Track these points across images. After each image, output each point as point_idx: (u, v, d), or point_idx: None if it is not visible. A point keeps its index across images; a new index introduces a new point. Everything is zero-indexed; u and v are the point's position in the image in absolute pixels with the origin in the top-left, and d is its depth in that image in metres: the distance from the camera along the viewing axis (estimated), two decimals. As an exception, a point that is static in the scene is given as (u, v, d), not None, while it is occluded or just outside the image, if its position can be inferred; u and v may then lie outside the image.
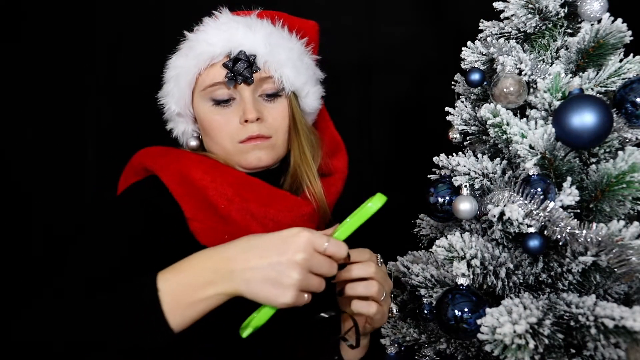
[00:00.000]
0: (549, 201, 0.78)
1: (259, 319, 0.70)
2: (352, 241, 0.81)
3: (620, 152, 0.81)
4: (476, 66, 0.95)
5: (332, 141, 1.06)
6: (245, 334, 0.72)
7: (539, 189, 0.79)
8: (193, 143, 1.00)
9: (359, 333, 0.84)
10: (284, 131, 0.95)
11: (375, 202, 0.75)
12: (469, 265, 0.81)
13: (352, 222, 0.75)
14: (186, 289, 0.68)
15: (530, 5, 0.89)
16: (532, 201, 0.79)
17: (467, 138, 1.02)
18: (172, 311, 0.67)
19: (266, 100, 0.95)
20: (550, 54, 0.93)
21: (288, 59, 0.94)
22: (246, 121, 0.92)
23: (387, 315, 0.87)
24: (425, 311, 0.95)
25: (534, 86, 0.88)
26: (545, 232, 0.78)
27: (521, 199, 0.80)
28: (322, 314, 0.82)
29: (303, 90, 0.97)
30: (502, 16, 0.95)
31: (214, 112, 0.94)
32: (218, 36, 0.92)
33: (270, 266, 0.67)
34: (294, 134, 0.97)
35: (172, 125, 1.02)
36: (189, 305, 0.67)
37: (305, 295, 0.69)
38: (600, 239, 0.75)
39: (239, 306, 0.75)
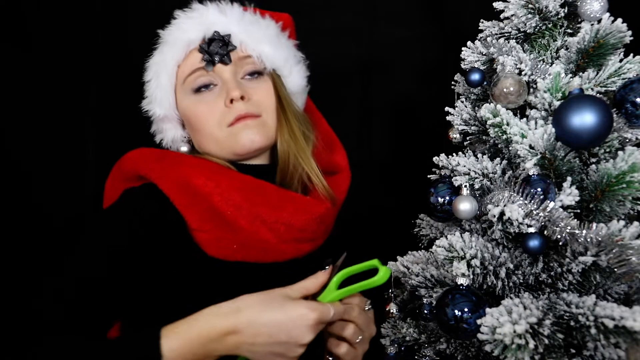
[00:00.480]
0: (549, 201, 0.78)
1: None
2: (352, 241, 0.81)
3: (620, 152, 0.81)
4: (476, 66, 0.95)
5: (327, 136, 1.02)
6: None
7: (539, 189, 0.79)
8: (184, 149, 0.97)
9: None
10: (272, 109, 0.91)
11: (382, 278, 0.77)
12: (469, 265, 0.81)
13: (355, 288, 0.77)
14: (190, 356, 0.69)
15: (530, 5, 0.89)
16: (532, 201, 0.79)
17: (467, 138, 1.02)
18: None
19: (249, 81, 0.91)
20: (550, 54, 0.93)
21: (264, 35, 0.92)
22: (231, 102, 0.88)
23: (360, 359, 0.86)
24: (425, 311, 0.95)
25: (534, 86, 0.88)
26: (545, 232, 0.79)
27: (521, 199, 0.80)
28: None
29: (285, 68, 0.94)
30: (502, 16, 0.95)
31: (197, 102, 0.91)
32: (189, 21, 0.91)
33: (278, 345, 0.70)
34: (282, 115, 0.92)
35: (161, 134, 0.98)
36: None
37: None
38: (600, 239, 0.75)
39: None
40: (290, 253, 0.86)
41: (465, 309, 0.79)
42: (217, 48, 0.89)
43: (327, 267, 0.79)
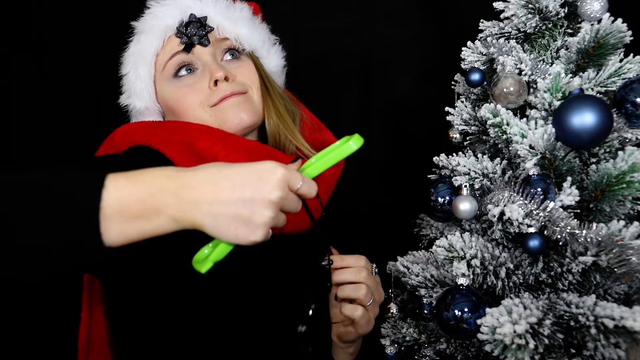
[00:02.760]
0: (549, 201, 0.78)
1: (218, 253, 0.64)
2: (352, 241, 0.81)
3: (620, 152, 0.81)
4: (476, 66, 0.96)
5: (311, 119, 1.01)
6: (204, 268, 0.65)
7: (539, 189, 0.79)
8: None
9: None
10: (257, 86, 0.91)
11: (356, 142, 0.68)
12: (469, 265, 0.81)
13: (327, 160, 0.68)
14: (135, 203, 0.57)
15: (530, 5, 0.89)
16: (532, 201, 0.79)
17: (467, 138, 1.02)
18: (110, 218, 0.55)
19: (229, 62, 0.91)
20: (551, 54, 0.93)
21: (240, 17, 0.92)
22: (215, 83, 0.87)
23: (373, 323, 0.87)
24: (425, 311, 0.95)
25: (534, 86, 0.88)
26: (545, 232, 0.79)
27: (521, 199, 0.80)
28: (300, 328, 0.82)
29: (263, 49, 0.95)
30: (502, 16, 0.95)
31: (178, 87, 0.89)
32: (164, 9, 0.91)
33: (243, 203, 0.59)
34: (267, 93, 0.92)
35: None
36: (132, 220, 0.56)
37: (270, 232, 0.63)
38: (600, 239, 0.75)
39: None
40: (292, 224, 0.83)
41: (465, 309, 0.79)
42: (194, 29, 0.89)
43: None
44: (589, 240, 0.75)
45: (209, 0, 0.92)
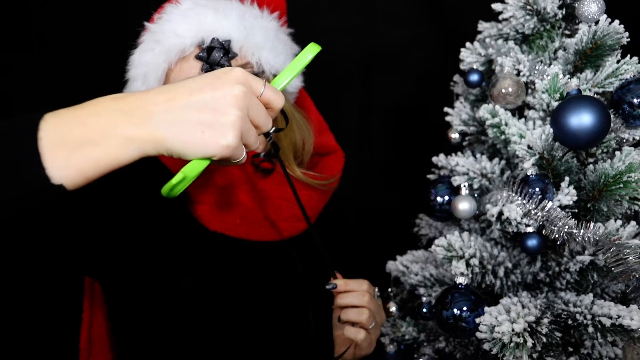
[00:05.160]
0: (547, 201, 0.79)
1: (190, 169, 0.56)
2: (352, 241, 0.81)
3: (617, 153, 0.81)
4: (475, 67, 0.96)
5: (318, 120, 1.00)
6: (177, 190, 0.57)
7: (537, 189, 0.79)
8: None
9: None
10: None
11: (312, 50, 0.68)
12: (467, 265, 0.82)
13: (288, 71, 0.65)
14: (78, 126, 0.49)
15: (528, 7, 0.90)
16: (530, 201, 0.79)
17: (466, 138, 1.02)
18: (52, 147, 0.48)
19: None
20: (548, 55, 0.93)
21: (265, 40, 0.85)
22: None
23: (374, 345, 0.88)
24: (425, 310, 0.96)
25: (532, 87, 0.89)
26: (544, 232, 0.79)
27: (519, 198, 0.80)
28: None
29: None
30: (500, 17, 0.95)
31: None
32: (186, 25, 0.82)
33: (203, 103, 0.52)
34: (281, 117, 0.90)
35: None
36: (78, 147, 0.49)
37: (245, 153, 0.56)
38: (597, 238, 0.75)
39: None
40: (287, 231, 0.87)
41: (464, 308, 0.79)
42: (218, 58, 0.81)
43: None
44: (586, 239, 0.76)
45: (234, 18, 0.83)
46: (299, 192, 0.83)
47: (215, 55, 0.81)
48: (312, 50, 0.67)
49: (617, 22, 0.85)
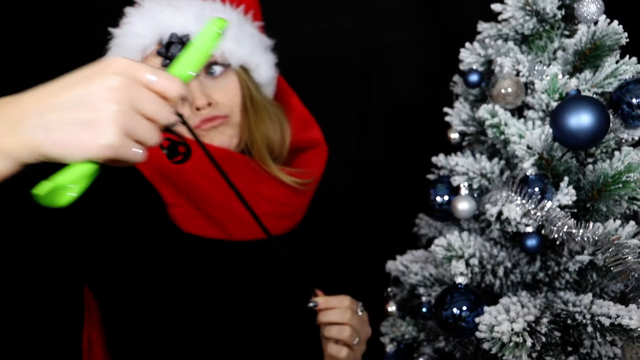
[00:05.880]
0: (546, 201, 0.79)
1: (67, 176, 0.48)
2: (353, 241, 0.82)
3: (616, 153, 0.82)
4: (474, 67, 0.96)
5: (302, 115, 0.98)
6: (60, 200, 0.49)
7: (537, 189, 0.80)
8: None
9: None
10: (239, 109, 0.87)
11: (216, 26, 0.56)
12: (467, 264, 0.82)
13: (188, 53, 0.56)
14: None
15: (527, 7, 0.90)
16: (530, 201, 0.79)
17: (466, 138, 1.02)
18: None
19: (212, 80, 0.85)
20: (548, 55, 0.93)
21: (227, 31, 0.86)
22: (197, 109, 0.83)
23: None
24: (424, 309, 0.96)
25: (532, 87, 0.89)
26: (543, 232, 0.79)
27: (519, 198, 0.80)
28: None
29: (252, 62, 0.88)
30: (500, 18, 0.95)
31: None
32: (144, 24, 0.84)
33: (78, 101, 0.46)
34: (251, 112, 0.88)
35: None
36: None
37: (140, 151, 0.49)
38: (596, 238, 0.75)
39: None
40: (269, 229, 0.84)
41: (464, 308, 0.79)
42: (176, 52, 0.82)
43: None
44: (585, 239, 0.76)
45: (191, 13, 0.84)
46: (275, 190, 0.84)
47: (173, 50, 0.82)
48: (216, 25, 0.56)
49: (616, 22, 0.85)
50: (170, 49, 0.82)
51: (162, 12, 0.84)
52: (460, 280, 0.82)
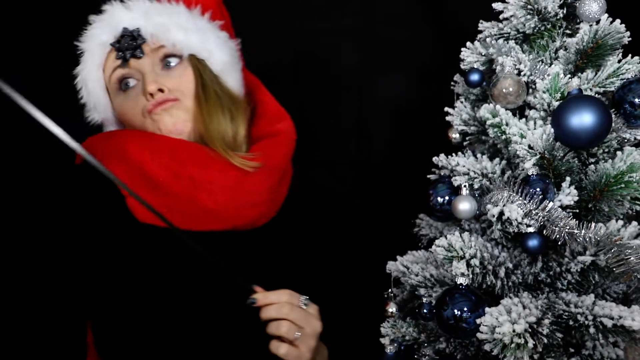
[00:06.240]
0: (547, 201, 0.78)
1: None
2: (353, 240, 0.81)
3: (618, 153, 0.81)
4: (475, 67, 0.96)
5: (273, 111, 1.01)
6: None
7: (538, 189, 0.79)
8: None
9: None
10: (191, 94, 0.92)
11: None
12: (468, 265, 0.82)
13: None
14: None
15: (529, 6, 0.90)
16: (531, 201, 0.79)
17: (467, 138, 1.02)
18: None
19: (168, 71, 0.92)
20: (549, 54, 0.93)
21: (174, 23, 0.92)
22: (151, 95, 0.90)
23: (308, 356, 0.83)
24: (425, 310, 0.95)
25: (533, 86, 0.88)
26: (544, 232, 0.79)
27: (520, 198, 0.80)
28: None
29: (203, 50, 0.94)
30: (501, 17, 0.95)
31: (124, 99, 0.94)
32: (101, 25, 0.94)
33: None
34: (203, 98, 0.92)
35: None
36: None
37: None
38: (598, 238, 0.75)
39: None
40: (232, 220, 0.87)
41: (465, 309, 0.79)
42: (127, 43, 0.91)
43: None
44: (587, 239, 0.76)
45: (140, 9, 0.93)
46: (225, 174, 0.85)
47: (124, 42, 0.92)
48: None
49: (618, 21, 0.85)
50: (121, 42, 0.92)
51: (115, 11, 0.94)
52: (461, 281, 0.81)
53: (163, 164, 0.85)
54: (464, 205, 0.88)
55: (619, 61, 0.86)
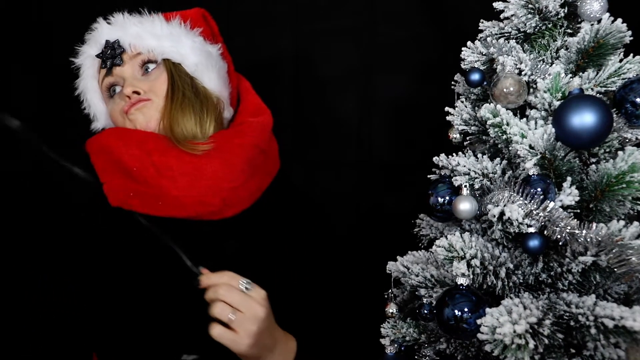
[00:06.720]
0: (548, 201, 0.78)
1: None
2: (353, 241, 0.81)
3: (620, 152, 0.81)
4: (476, 66, 0.96)
5: (254, 107, 1.08)
6: None
7: (539, 189, 0.79)
8: None
9: None
10: (162, 94, 1.00)
11: None
12: (468, 265, 0.81)
13: None
14: None
15: (530, 6, 0.89)
16: (532, 201, 0.79)
17: (467, 138, 1.02)
18: None
19: (147, 75, 1.02)
20: (550, 54, 0.93)
21: (147, 32, 1.02)
22: (128, 97, 0.99)
23: (247, 341, 0.82)
24: (425, 311, 0.95)
25: (534, 86, 0.88)
26: (545, 232, 0.79)
27: (521, 199, 0.80)
28: (185, 357, 0.87)
29: (176, 54, 1.02)
30: (502, 16, 0.95)
31: (112, 105, 1.04)
32: (90, 42, 1.06)
33: None
34: (174, 97, 1.00)
35: None
36: None
37: None
38: (600, 238, 0.75)
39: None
40: (193, 207, 0.91)
41: (465, 309, 0.79)
42: (107, 53, 1.02)
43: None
44: (588, 240, 0.75)
45: (118, 22, 1.04)
46: (182, 160, 0.92)
47: (106, 52, 1.03)
48: None
49: (619, 20, 0.85)
50: (104, 52, 1.03)
51: (100, 27, 1.05)
52: (462, 281, 0.81)
53: (134, 155, 0.92)
54: (465, 206, 0.87)
55: (621, 61, 0.85)
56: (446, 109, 1.01)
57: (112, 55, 1.02)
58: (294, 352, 0.92)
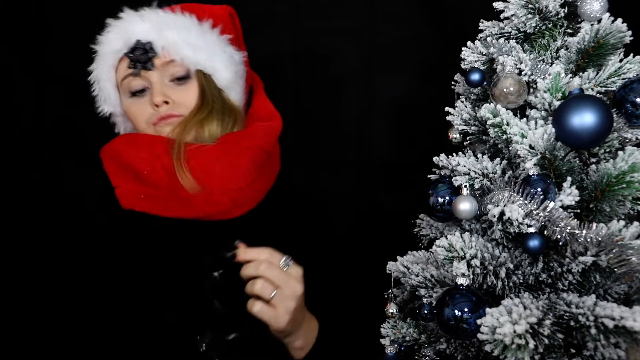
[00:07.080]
0: (549, 201, 0.78)
1: None
2: (353, 240, 0.81)
3: (620, 152, 0.81)
4: (476, 66, 0.95)
5: (264, 113, 1.07)
6: None
7: (539, 189, 0.79)
8: None
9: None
10: (192, 109, 0.99)
11: None
12: (468, 265, 0.81)
13: None
14: None
15: (530, 6, 0.89)
16: (532, 201, 0.79)
17: (467, 138, 1.02)
18: None
19: (177, 84, 1.00)
20: (550, 54, 0.93)
21: (183, 39, 0.98)
22: (157, 106, 0.98)
23: (286, 318, 0.84)
24: (425, 311, 0.95)
25: (534, 86, 0.88)
26: (545, 232, 0.79)
27: (521, 199, 0.80)
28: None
29: (210, 67, 1.00)
30: (502, 16, 0.95)
31: (131, 104, 1.01)
32: (116, 33, 1.00)
33: None
34: (205, 112, 0.99)
35: (117, 126, 1.11)
36: None
37: None
38: (600, 239, 0.75)
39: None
40: (202, 209, 0.91)
41: (465, 309, 0.78)
42: (139, 56, 0.98)
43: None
44: (589, 240, 0.75)
45: (153, 22, 0.99)
46: (214, 168, 0.91)
47: (137, 54, 0.98)
48: None
49: (619, 20, 0.85)
50: (134, 53, 0.98)
51: (131, 21, 1.00)
52: (462, 281, 0.81)
53: (144, 159, 0.93)
54: (465, 206, 0.87)
55: (621, 60, 0.85)
56: (446, 109, 1.01)
57: (144, 59, 0.98)
58: (316, 331, 0.96)
